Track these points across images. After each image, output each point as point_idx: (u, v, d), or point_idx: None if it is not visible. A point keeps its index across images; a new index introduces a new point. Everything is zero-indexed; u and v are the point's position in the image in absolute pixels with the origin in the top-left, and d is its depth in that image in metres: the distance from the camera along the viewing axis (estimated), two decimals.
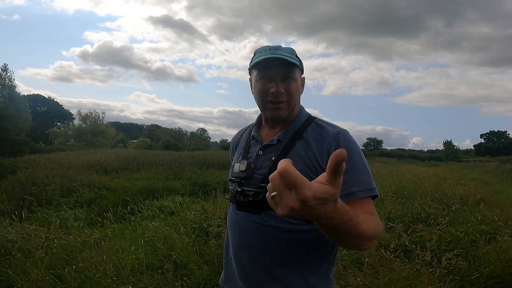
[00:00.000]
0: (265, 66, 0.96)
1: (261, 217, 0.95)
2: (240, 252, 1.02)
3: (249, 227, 0.98)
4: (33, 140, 23.80)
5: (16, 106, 20.01)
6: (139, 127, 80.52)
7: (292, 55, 0.98)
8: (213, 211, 4.46)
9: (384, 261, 2.89)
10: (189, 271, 2.78)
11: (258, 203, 0.95)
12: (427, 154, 60.93)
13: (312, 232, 0.93)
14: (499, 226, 3.68)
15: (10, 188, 7.50)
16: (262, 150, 1.02)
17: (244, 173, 0.97)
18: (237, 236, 1.03)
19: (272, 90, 0.96)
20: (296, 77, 0.98)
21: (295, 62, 0.96)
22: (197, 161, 13.38)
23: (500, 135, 60.57)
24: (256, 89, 1.00)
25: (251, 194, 0.95)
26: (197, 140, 53.91)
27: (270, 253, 0.96)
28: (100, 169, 10.99)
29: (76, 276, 2.59)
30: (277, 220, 0.94)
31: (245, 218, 0.99)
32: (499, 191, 8.44)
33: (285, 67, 0.96)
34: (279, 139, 1.01)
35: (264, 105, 1.00)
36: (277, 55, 0.94)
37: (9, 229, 3.50)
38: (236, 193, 0.99)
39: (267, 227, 0.95)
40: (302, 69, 1.04)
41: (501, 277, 2.65)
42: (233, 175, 1.00)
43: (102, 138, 28.89)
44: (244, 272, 1.01)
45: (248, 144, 1.10)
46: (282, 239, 0.94)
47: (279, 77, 0.96)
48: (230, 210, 1.08)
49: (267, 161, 0.99)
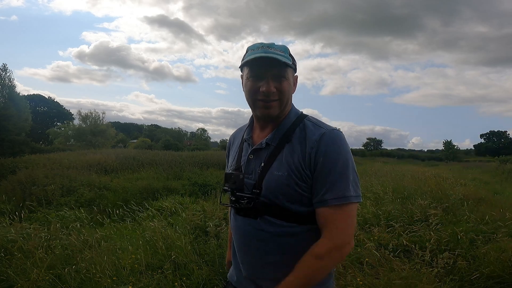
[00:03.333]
0: (256, 64, 0.95)
1: (257, 222, 0.97)
2: (240, 254, 1.05)
3: (247, 231, 1.00)
4: (33, 140, 23.80)
5: (16, 106, 19.99)
6: (139, 127, 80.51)
7: (285, 53, 0.97)
8: (213, 211, 4.45)
9: (384, 261, 2.89)
10: (188, 271, 2.78)
11: (253, 209, 0.97)
12: (427, 154, 60.92)
13: (305, 234, 0.96)
14: (499, 226, 3.67)
15: (10, 188, 7.50)
16: (252, 154, 1.03)
17: (234, 184, 0.99)
18: (237, 239, 1.06)
19: (263, 89, 0.95)
20: (288, 76, 0.97)
21: (287, 62, 0.95)
22: (197, 161, 13.38)
23: (500, 135, 60.58)
24: (247, 87, 0.99)
25: (244, 203, 0.97)
26: (197, 140, 53.89)
27: (269, 255, 0.98)
28: (100, 169, 11.00)
29: (76, 276, 2.59)
30: (273, 225, 0.96)
31: (244, 223, 1.01)
32: (499, 191, 8.44)
33: (277, 67, 0.94)
34: (267, 142, 1.01)
35: (255, 104, 0.99)
36: (269, 54, 0.93)
37: (9, 229, 3.50)
38: (231, 201, 1.02)
39: (262, 231, 0.97)
40: (295, 68, 1.02)
41: (501, 277, 2.65)
42: (226, 185, 1.02)
43: (102, 138, 28.91)
44: (249, 272, 1.04)
45: (241, 148, 1.10)
46: (278, 243, 0.96)
47: (271, 76, 0.95)
48: (231, 214, 1.11)
49: (257, 166, 1.00)
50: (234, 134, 1.23)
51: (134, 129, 78.41)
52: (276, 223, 0.95)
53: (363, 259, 2.96)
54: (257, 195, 0.96)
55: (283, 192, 0.93)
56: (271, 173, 0.95)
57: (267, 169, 0.96)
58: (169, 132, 58.75)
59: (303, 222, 0.95)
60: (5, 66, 21.03)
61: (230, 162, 1.16)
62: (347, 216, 0.90)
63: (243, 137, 1.12)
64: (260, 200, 0.96)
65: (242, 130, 1.18)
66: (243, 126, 1.20)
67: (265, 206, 0.95)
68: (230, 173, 1.02)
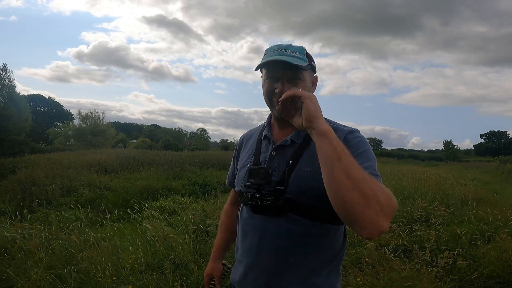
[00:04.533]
0: (272, 66, 0.97)
1: (280, 220, 0.95)
2: (258, 255, 1.00)
3: (269, 230, 0.97)
4: (33, 140, 23.81)
5: (16, 106, 19.98)
6: (139, 127, 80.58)
7: (302, 55, 0.98)
8: (213, 211, 4.46)
9: (384, 261, 2.89)
10: (188, 271, 2.78)
11: (277, 206, 0.94)
12: (427, 154, 60.92)
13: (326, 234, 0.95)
14: (499, 226, 3.67)
15: (10, 188, 7.50)
16: (275, 150, 1.02)
17: (263, 180, 0.96)
18: (256, 239, 1.00)
19: (277, 90, 0.96)
20: (304, 78, 0.98)
21: (300, 65, 0.94)
22: (197, 161, 13.38)
23: (500, 135, 60.64)
24: (264, 88, 1.01)
25: (270, 200, 0.94)
26: (197, 140, 53.90)
27: (288, 255, 0.96)
28: (100, 169, 10.99)
29: (76, 276, 2.59)
30: (297, 224, 0.94)
31: (264, 222, 0.98)
32: (499, 191, 8.44)
33: (291, 69, 0.95)
34: (292, 139, 1.00)
35: (271, 103, 1.01)
36: (282, 57, 0.94)
37: (10, 229, 3.50)
38: (252, 198, 0.97)
39: (287, 230, 0.95)
40: (313, 68, 1.03)
41: (501, 277, 2.65)
42: (250, 181, 0.99)
43: (102, 138, 28.92)
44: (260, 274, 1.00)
45: (260, 145, 1.09)
46: (302, 242, 0.95)
47: (286, 78, 0.96)
48: (245, 214, 1.06)
49: (283, 163, 0.98)
50: (244, 135, 1.23)
51: (134, 129, 78.47)
52: (301, 222, 0.94)
53: (363, 259, 2.97)
54: (282, 192, 0.94)
55: (311, 189, 0.91)
56: (299, 169, 0.95)
57: (295, 166, 0.96)
58: (169, 132, 58.78)
59: (328, 221, 0.94)
60: (5, 66, 21.03)
61: (242, 161, 1.13)
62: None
63: (260, 135, 1.11)
64: (286, 197, 0.94)
65: (254, 131, 1.17)
66: (255, 128, 1.19)
67: (290, 204, 0.94)
68: (258, 168, 0.99)
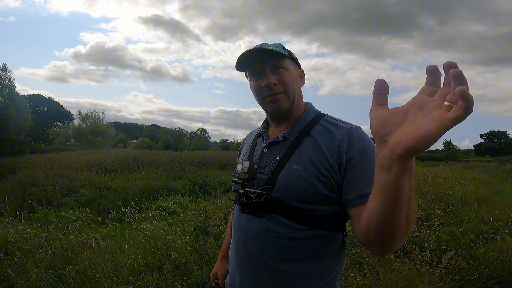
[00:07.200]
0: (250, 63, 0.94)
1: (264, 220, 0.90)
2: (242, 256, 0.96)
3: (252, 230, 0.92)
4: (33, 140, 23.85)
5: (16, 106, 20.01)
6: (139, 127, 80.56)
7: (279, 48, 0.95)
8: (213, 211, 4.45)
9: (384, 261, 2.89)
10: (188, 271, 2.78)
11: (262, 206, 0.89)
12: (427, 154, 60.74)
13: (316, 240, 0.88)
14: (499, 226, 3.67)
15: (10, 188, 7.51)
16: (267, 147, 0.98)
17: (246, 174, 0.91)
18: (241, 239, 0.97)
19: (263, 84, 0.93)
20: (287, 67, 0.94)
21: (274, 49, 0.91)
22: (197, 161, 13.37)
23: (500, 135, 60.63)
24: (252, 88, 0.98)
25: (253, 196, 0.90)
26: (197, 140, 53.92)
27: (270, 260, 0.90)
28: (100, 169, 10.99)
29: (76, 276, 2.59)
30: (281, 226, 0.88)
31: (249, 221, 0.93)
32: (499, 191, 8.44)
33: (271, 59, 0.92)
34: (285, 136, 0.95)
35: (263, 101, 0.96)
36: (255, 48, 0.92)
37: (9, 229, 3.50)
38: (239, 195, 0.94)
39: (269, 231, 0.89)
40: (295, 60, 1.00)
41: (501, 277, 2.65)
42: (236, 176, 0.95)
43: (102, 138, 28.89)
44: (245, 278, 0.95)
45: (255, 142, 1.06)
46: (283, 246, 0.88)
47: (268, 70, 0.93)
48: (235, 212, 1.03)
49: (271, 160, 0.94)
50: (247, 136, 1.21)
51: (134, 129, 78.45)
52: (286, 224, 0.87)
53: (363, 259, 2.96)
54: (269, 191, 0.88)
55: (300, 189, 0.86)
56: (289, 167, 0.89)
57: (284, 163, 0.90)
58: (169, 132, 58.75)
59: (317, 226, 0.88)
60: (5, 66, 21.10)
61: (241, 159, 1.10)
62: None
63: (257, 133, 1.08)
64: (272, 196, 0.88)
65: (255, 131, 1.15)
66: (257, 128, 1.16)
67: (276, 204, 0.88)
68: (241, 162, 0.95)
